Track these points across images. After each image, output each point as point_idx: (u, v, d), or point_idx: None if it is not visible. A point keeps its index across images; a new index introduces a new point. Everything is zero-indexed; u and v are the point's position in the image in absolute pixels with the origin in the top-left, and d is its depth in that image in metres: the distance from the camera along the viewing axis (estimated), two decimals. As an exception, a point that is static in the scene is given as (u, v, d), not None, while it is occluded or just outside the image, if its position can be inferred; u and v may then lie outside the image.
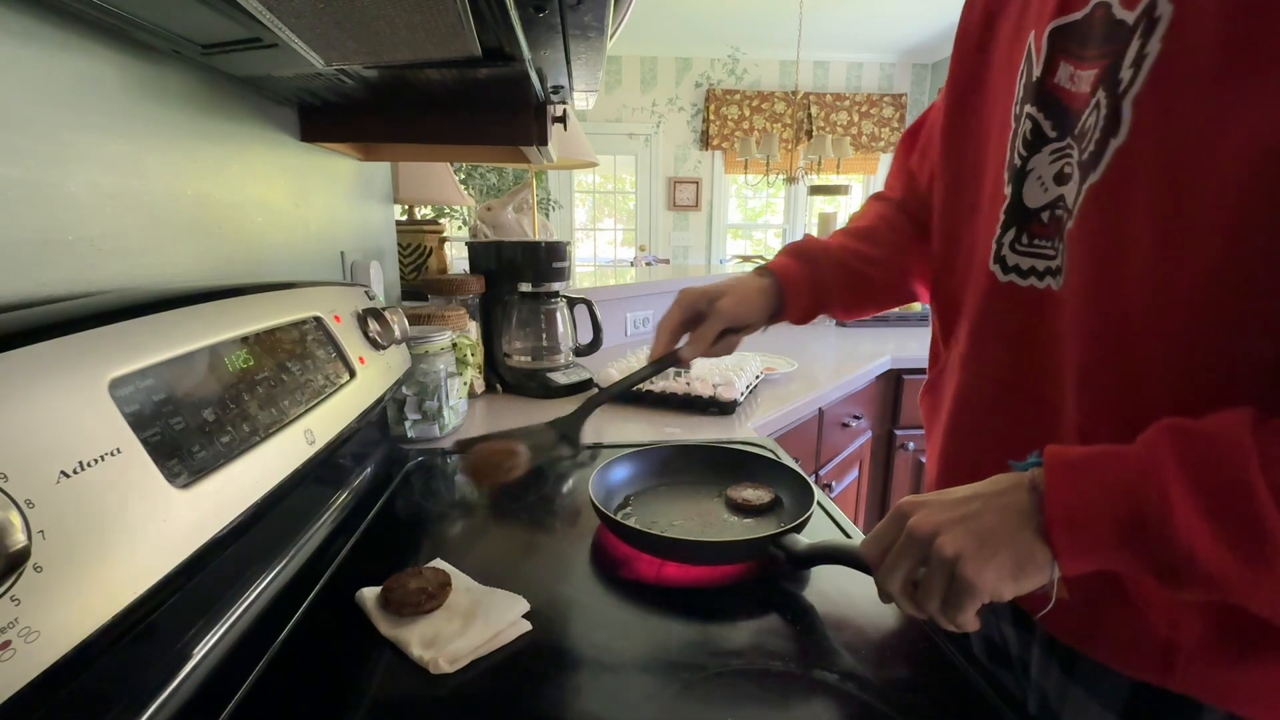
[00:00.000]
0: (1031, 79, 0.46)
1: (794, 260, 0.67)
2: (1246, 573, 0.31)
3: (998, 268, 0.49)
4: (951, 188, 0.58)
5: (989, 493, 0.40)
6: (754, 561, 0.59)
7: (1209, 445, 0.33)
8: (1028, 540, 0.37)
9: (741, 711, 0.43)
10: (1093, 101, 0.40)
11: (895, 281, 0.70)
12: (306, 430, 0.53)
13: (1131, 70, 0.38)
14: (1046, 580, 0.37)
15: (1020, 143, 0.47)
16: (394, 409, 0.91)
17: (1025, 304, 0.47)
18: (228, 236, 0.67)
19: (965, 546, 0.38)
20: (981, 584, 0.37)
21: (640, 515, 0.69)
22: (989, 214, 0.51)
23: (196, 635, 0.43)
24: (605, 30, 0.51)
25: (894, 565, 0.42)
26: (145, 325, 0.40)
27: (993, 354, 0.51)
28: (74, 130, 0.48)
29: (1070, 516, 0.35)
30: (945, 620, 0.40)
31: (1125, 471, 0.35)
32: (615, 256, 6.06)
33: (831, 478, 1.47)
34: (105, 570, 0.31)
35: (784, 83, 5.54)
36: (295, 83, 0.69)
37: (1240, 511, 0.31)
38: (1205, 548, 0.32)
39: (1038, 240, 0.46)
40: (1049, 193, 0.45)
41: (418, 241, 1.31)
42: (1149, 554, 0.34)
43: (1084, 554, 0.36)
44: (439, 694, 0.44)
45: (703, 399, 1.09)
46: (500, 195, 1.97)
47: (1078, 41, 0.42)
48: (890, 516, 0.43)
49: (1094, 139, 0.40)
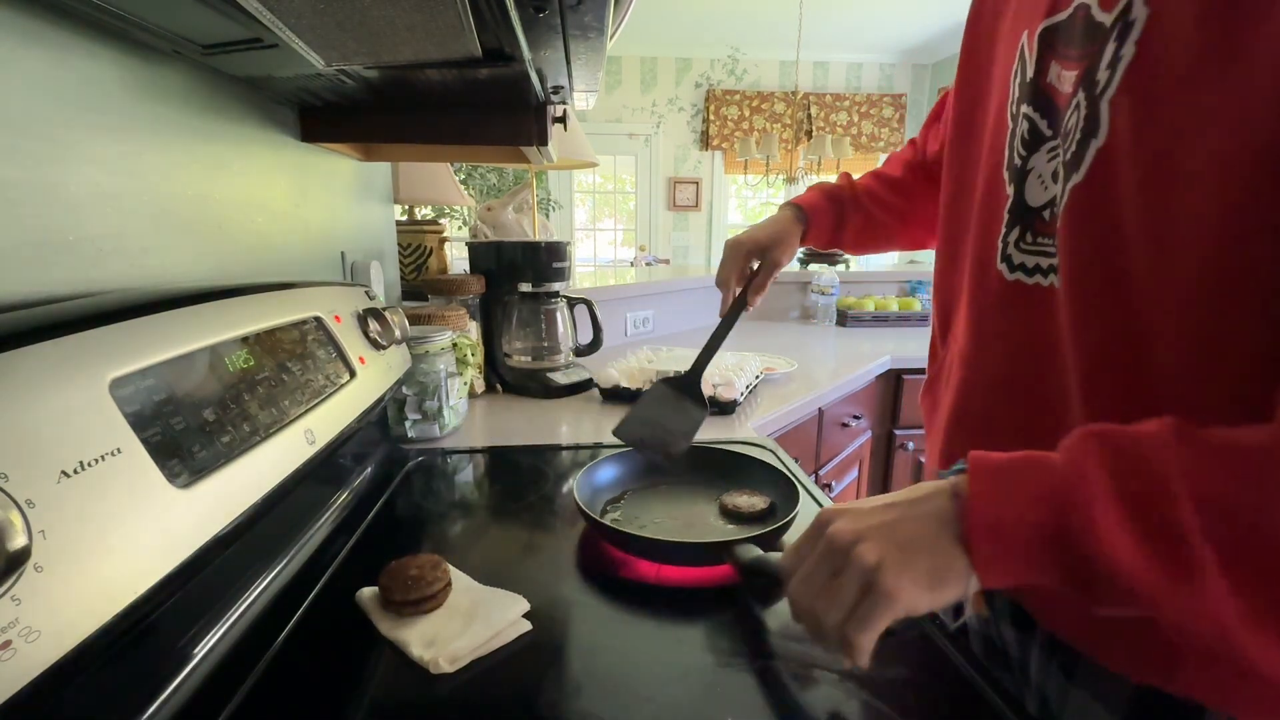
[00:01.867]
0: (1026, 78, 0.47)
1: (824, 200, 0.76)
2: (1166, 585, 0.30)
3: (1004, 266, 0.49)
4: (957, 187, 0.59)
5: (909, 499, 0.38)
6: (720, 565, 0.58)
7: (1133, 453, 0.33)
8: (946, 548, 0.35)
9: (741, 711, 0.43)
10: (1073, 102, 0.41)
11: (908, 231, 0.79)
12: (307, 430, 0.53)
13: (1108, 72, 0.38)
14: (963, 592, 0.36)
15: (1019, 142, 0.47)
16: (394, 409, 0.91)
17: (1029, 302, 0.47)
18: (228, 236, 0.67)
19: (886, 554, 0.36)
20: (899, 594, 0.35)
21: (627, 513, 0.69)
22: (990, 212, 0.51)
23: (196, 635, 0.43)
24: (605, 30, 0.51)
25: (809, 574, 0.39)
26: (145, 325, 0.40)
27: (994, 352, 0.51)
28: (74, 130, 0.48)
29: (992, 524, 0.34)
30: (845, 643, 0.37)
31: (1050, 479, 0.34)
32: (615, 256, 6.06)
33: (831, 478, 1.47)
34: (105, 570, 0.31)
35: (784, 83, 5.54)
36: (295, 83, 0.69)
37: (1162, 523, 0.31)
38: (1127, 559, 0.31)
39: (1041, 238, 0.46)
40: (1048, 191, 0.45)
41: (418, 241, 1.31)
42: (1069, 564, 0.33)
43: (1004, 563, 0.34)
44: (439, 694, 0.44)
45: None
46: (500, 195, 1.97)
47: (1064, 42, 0.43)
48: (810, 527, 0.41)
49: (1075, 139, 0.41)
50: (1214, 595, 0.29)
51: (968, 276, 0.55)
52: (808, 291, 2.27)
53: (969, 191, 0.56)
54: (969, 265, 0.55)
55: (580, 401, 1.17)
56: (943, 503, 0.37)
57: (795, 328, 2.12)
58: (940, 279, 0.62)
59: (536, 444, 0.93)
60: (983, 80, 0.54)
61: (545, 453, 0.90)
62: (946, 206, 0.60)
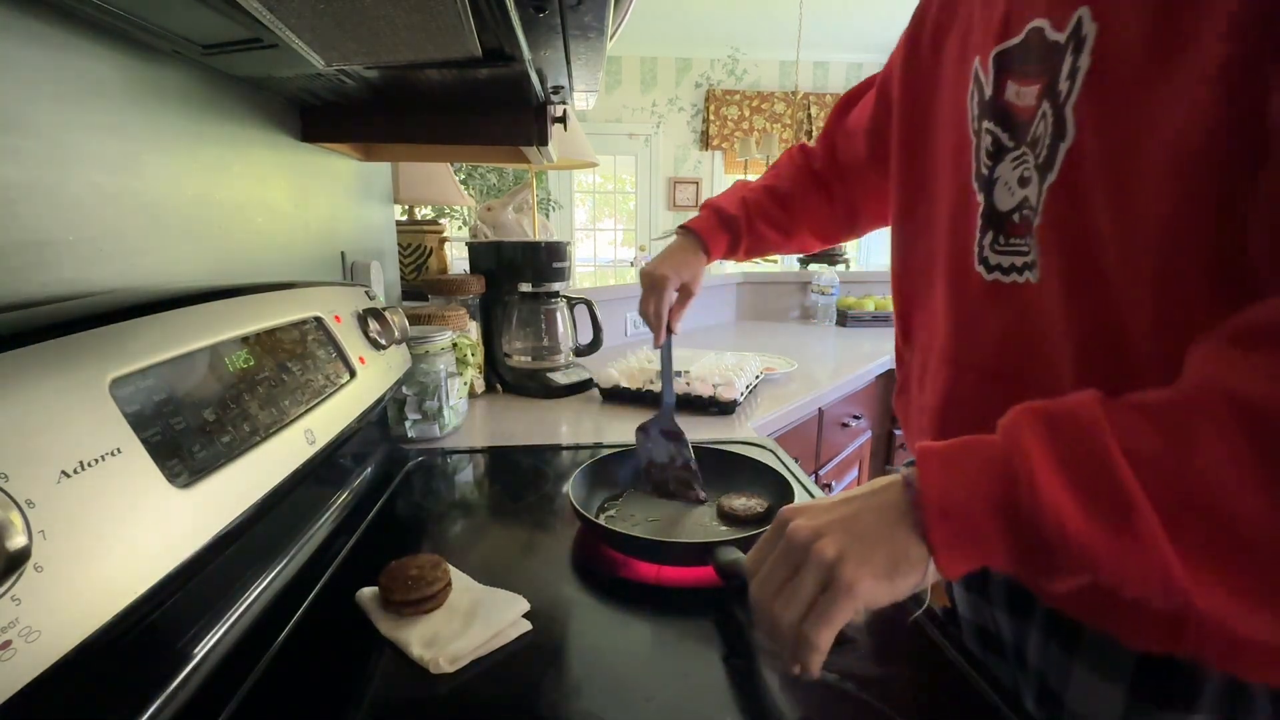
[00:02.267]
0: (984, 98, 0.51)
1: (718, 225, 0.82)
2: (1113, 544, 0.31)
3: (982, 268, 0.53)
4: (909, 200, 0.64)
5: (866, 493, 0.39)
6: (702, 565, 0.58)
7: (1065, 420, 0.34)
8: (903, 537, 0.36)
9: (741, 711, 0.43)
10: (1039, 111, 0.46)
11: (791, 244, 0.87)
12: (307, 430, 0.53)
13: (1068, 82, 0.43)
14: (921, 580, 0.36)
15: (984, 155, 0.52)
16: (394, 409, 0.91)
17: (1010, 299, 0.51)
18: (228, 236, 0.67)
19: (845, 547, 0.36)
20: (858, 586, 0.35)
21: (623, 512, 0.70)
22: (959, 221, 0.55)
23: (196, 635, 0.43)
24: (605, 30, 0.51)
25: (771, 573, 0.39)
26: (145, 325, 0.40)
27: (980, 348, 0.54)
28: (74, 130, 0.48)
29: (945, 505, 0.35)
30: (801, 641, 0.37)
31: (992, 454, 0.35)
32: (615, 256, 6.06)
33: (831, 477, 1.47)
34: (105, 570, 0.31)
35: (784, 83, 5.54)
36: (296, 83, 0.69)
37: (1101, 478, 0.32)
38: (1073, 520, 0.32)
39: (1013, 239, 0.50)
40: (1015, 196, 0.49)
41: (418, 241, 1.31)
42: (1021, 535, 0.33)
43: (959, 545, 0.35)
44: (439, 694, 0.44)
45: (703, 399, 1.09)
46: (500, 195, 1.97)
47: (1019, 61, 0.48)
48: (771, 527, 0.42)
49: (1046, 143, 0.45)
50: (1155, 544, 0.30)
51: (944, 280, 0.58)
52: (808, 291, 2.27)
53: (929, 204, 0.60)
54: (942, 270, 0.59)
55: (580, 401, 1.18)
56: (896, 493, 0.38)
57: (795, 328, 2.12)
58: (899, 285, 0.66)
59: (536, 444, 0.93)
60: (928, 106, 0.60)
61: (545, 453, 0.91)
62: (900, 221, 0.65)
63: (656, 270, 0.77)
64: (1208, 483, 0.31)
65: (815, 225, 0.85)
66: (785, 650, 0.38)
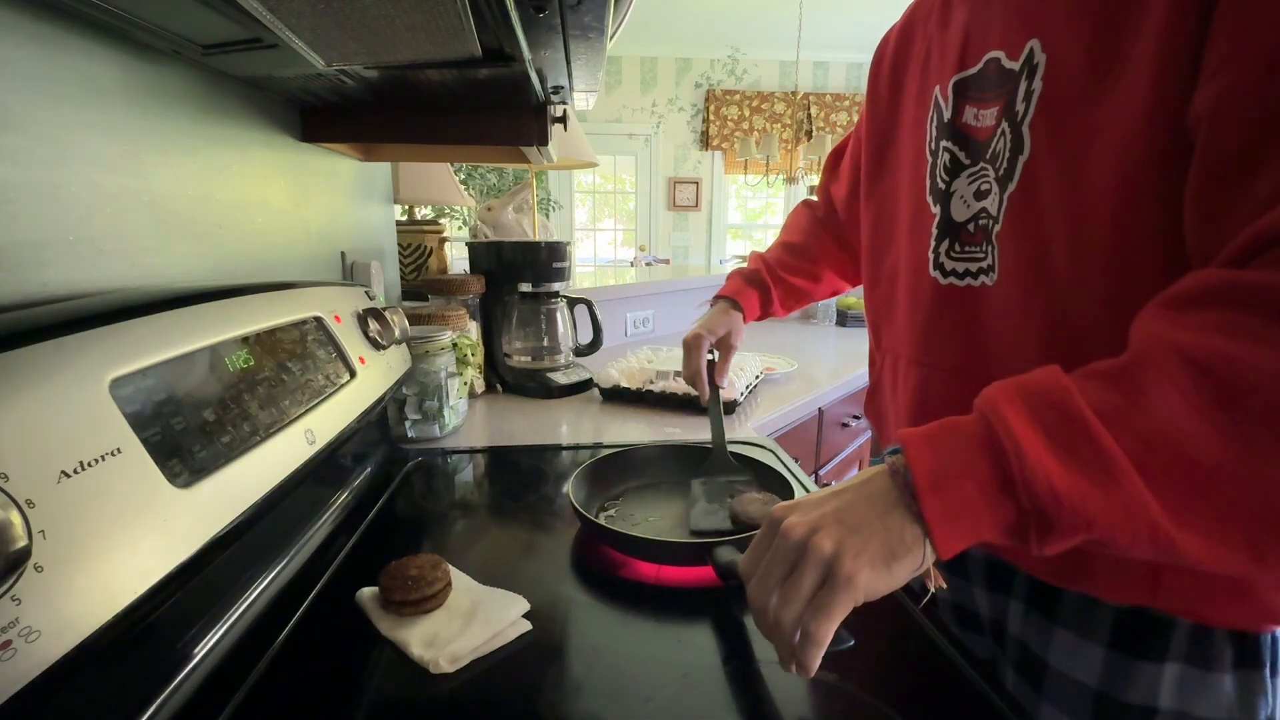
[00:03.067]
0: (943, 121, 0.58)
1: (748, 287, 0.89)
2: (1101, 498, 0.32)
3: (938, 273, 0.59)
4: (876, 217, 0.70)
5: (856, 484, 0.40)
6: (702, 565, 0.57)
7: (1037, 389, 0.36)
8: (896, 522, 0.36)
9: (741, 711, 0.43)
10: (999, 130, 0.52)
11: (822, 287, 0.93)
12: (307, 430, 0.53)
13: (1024, 103, 0.49)
14: (919, 564, 0.36)
15: (941, 171, 0.58)
16: (394, 409, 0.91)
17: (965, 301, 0.56)
18: (228, 236, 0.67)
19: (842, 539, 0.37)
20: (859, 577, 0.35)
21: (623, 511, 0.70)
22: (916, 232, 0.62)
23: (196, 635, 0.43)
24: (605, 30, 0.51)
25: (767, 573, 0.39)
26: (145, 325, 0.40)
27: (944, 348, 0.59)
28: (74, 130, 0.48)
29: (936, 480, 0.35)
30: (802, 637, 0.37)
31: (973, 429, 0.36)
32: (615, 256, 6.06)
33: (831, 477, 1.47)
34: (105, 570, 0.31)
35: (784, 83, 5.54)
36: (296, 83, 0.69)
37: (1080, 438, 0.33)
38: (1062, 481, 0.32)
39: (968, 247, 0.56)
40: (971, 208, 0.56)
41: (418, 241, 1.31)
42: (1017, 503, 0.34)
43: (955, 520, 0.35)
44: (439, 694, 0.44)
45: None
46: (500, 195, 1.97)
47: (976, 88, 0.54)
48: (764, 526, 0.41)
49: (1006, 158, 0.51)
50: (1137, 494, 0.32)
51: (903, 287, 0.64)
52: (808, 291, 2.26)
53: (892, 219, 0.67)
54: (903, 277, 0.64)
55: (580, 401, 1.18)
56: (884, 481, 0.38)
57: (795, 328, 2.12)
58: (869, 297, 0.73)
59: (536, 444, 0.93)
60: (891, 129, 0.67)
61: (545, 453, 0.90)
62: (870, 235, 0.72)
63: (691, 332, 0.83)
64: (1168, 430, 0.32)
65: (836, 267, 0.91)
66: (784, 650, 0.38)
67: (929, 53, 0.61)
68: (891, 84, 0.67)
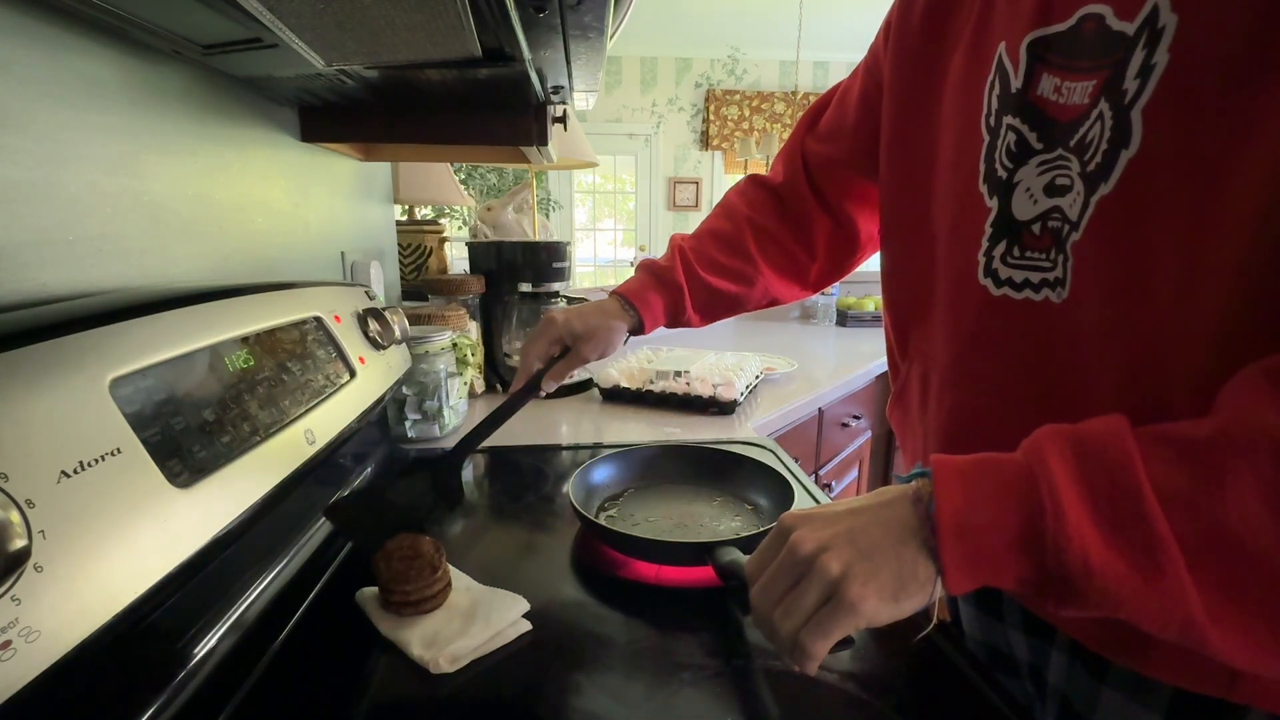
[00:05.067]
0: (1009, 91, 0.45)
1: (654, 285, 0.70)
2: (1138, 582, 0.30)
3: (989, 281, 0.48)
4: (897, 199, 0.58)
5: (873, 505, 0.37)
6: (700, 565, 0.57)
7: (1095, 448, 0.32)
8: (910, 555, 0.34)
9: (741, 711, 0.43)
10: (1094, 113, 0.40)
11: (755, 292, 0.72)
12: (307, 430, 0.53)
13: (1138, 81, 0.37)
14: (926, 601, 0.35)
15: (1004, 155, 0.46)
16: (394, 409, 0.91)
17: (1024, 317, 0.46)
18: (228, 236, 0.67)
19: (851, 563, 0.35)
20: (864, 605, 0.34)
21: (624, 511, 0.70)
22: (962, 226, 0.50)
23: (196, 635, 0.43)
24: (605, 30, 0.51)
25: (772, 582, 0.38)
26: (145, 325, 0.40)
27: (990, 366, 0.50)
28: (74, 130, 0.48)
29: (961, 526, 0.33)
30: (798, 648, 0.36)
31: (1014, 477, 0.33)
32: (615, 256, 6.06)
33: (831, 477, 1.47)
34: (105, 570, 0.31)
35: (784, 83, 5.53)
36: (295, 83, 0.69)
37: (1130, 513, 0.30)
38: (1099, 555, 0.30)
39: (1031, 252, 0.45)
40: (1039, 205, 0.44)
41: (418, 241, 1.31)
42: (1042, 565, 0.32)
43: (973, 566, 0.33)
44: (439, 694, 0.44)
45: (703, 399, 1.09)
46: (500, 195, 1.97)
47: (1063, 53, 0.42)
48: (773, 533, 0.40)
49: (1101, 150, 0.39)
50: (1179, 584, 0.29)
51: (943, 291, 0.53)
52: (808, 291, 2.26)
53: (924, 206, 0.54)
54: (941, 283, 0.53)
55: (580, 401, 1.18)
56: (905, 509, 0.36)
57: (795, 328, 2.12)
58: (893, 295, 0.61)
59: (536, 444, 0.93)
60: (924, 95, 0.53)
61: (545, 453, 0.90)
62: (891, 226, 0.60)
63: (560, 314, 0.67)
64: (1234, 527, 0.29)
65: (782, 267, 0.72)
66: (782, 652, 0.37)
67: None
68: (928, 24, 0.52)
